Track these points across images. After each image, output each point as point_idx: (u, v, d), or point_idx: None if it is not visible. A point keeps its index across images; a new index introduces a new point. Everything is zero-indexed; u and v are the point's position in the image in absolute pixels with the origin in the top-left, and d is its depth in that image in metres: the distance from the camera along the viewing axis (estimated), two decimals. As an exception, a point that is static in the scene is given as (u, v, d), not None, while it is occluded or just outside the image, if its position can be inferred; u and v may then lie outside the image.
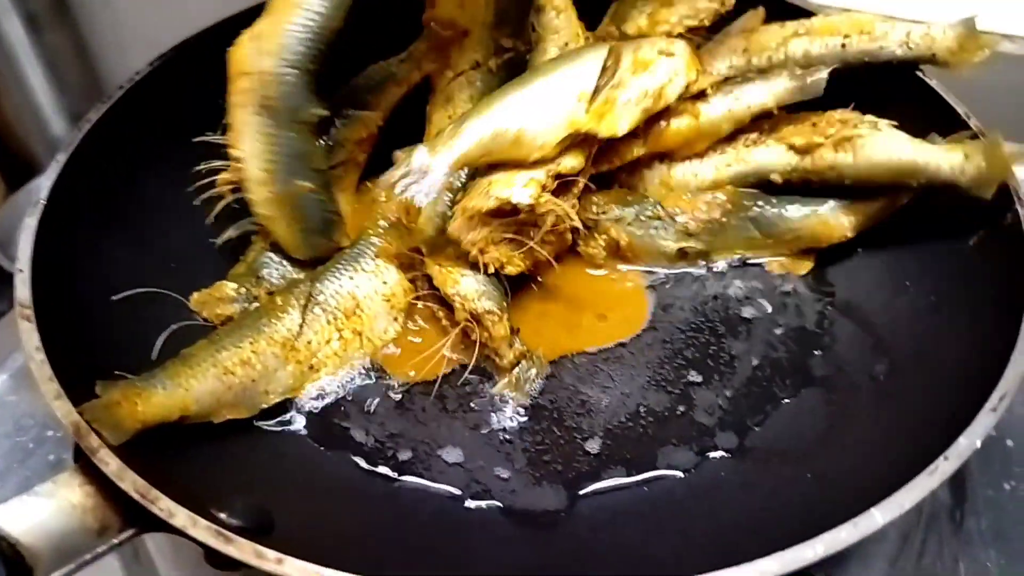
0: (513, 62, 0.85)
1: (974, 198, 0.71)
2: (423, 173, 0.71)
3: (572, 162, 0.74)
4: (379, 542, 0.61)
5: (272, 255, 0.77)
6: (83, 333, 0.66)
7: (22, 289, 0.63)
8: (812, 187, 0.79)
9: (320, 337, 0.71)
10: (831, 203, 0.78)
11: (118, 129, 0.77)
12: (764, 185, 0.80)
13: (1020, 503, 0.73)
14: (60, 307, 0.65)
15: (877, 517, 0.50)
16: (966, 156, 0.71)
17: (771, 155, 0.80)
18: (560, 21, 0.83)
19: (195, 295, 0.74)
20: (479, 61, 0.85)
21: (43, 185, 0.71)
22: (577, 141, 0.74)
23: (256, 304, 0.73)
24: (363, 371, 0.73)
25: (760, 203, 0.80)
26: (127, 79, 0.81)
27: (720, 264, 0.81)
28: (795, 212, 0.79)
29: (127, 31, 1.38)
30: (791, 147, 0.78)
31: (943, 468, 0.53)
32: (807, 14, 0.84)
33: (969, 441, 0.54)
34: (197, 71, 0.84)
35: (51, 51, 1.37)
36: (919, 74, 0.80)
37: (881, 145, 0.75)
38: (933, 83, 0.80)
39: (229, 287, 0.74)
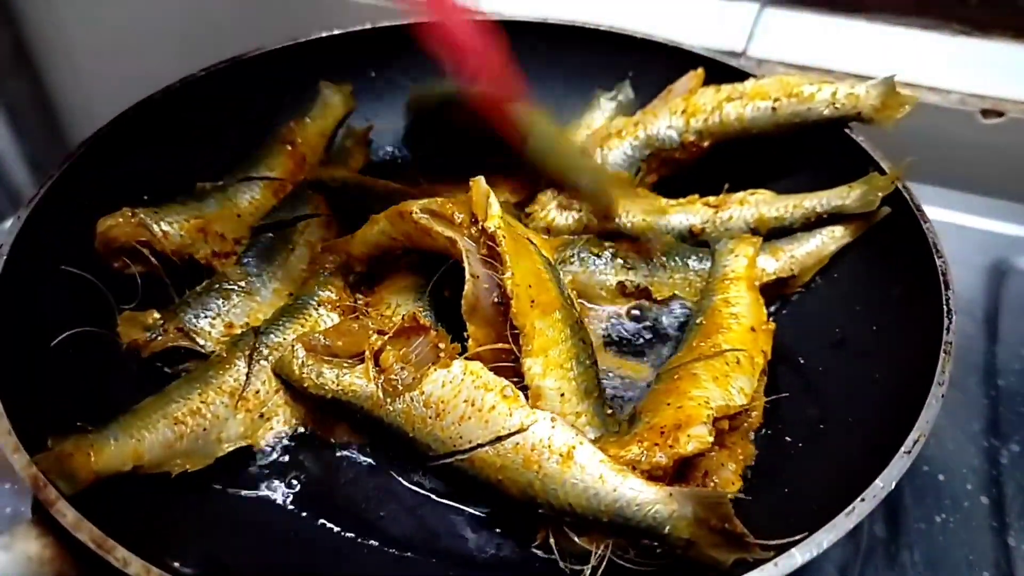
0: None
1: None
2: None
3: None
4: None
5: (195, 303, 0.77)
6: (41, 386, 0.67)
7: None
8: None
9: (268, 387, 0.72)
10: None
11: (80, 183, 0.79)
12: (686, 237, 0.88)
13: (950, 535, 0.76)
14: (18, 359, 0.66)
15: (796, 557, 0.53)
16: (850, 187, 0.81)
17: (691, 210, 0.88)
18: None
19: (127, 312, 0.76)
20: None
21: (4, 240, 0.71)
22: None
23: (162, 337, 0.74)
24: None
25: (694, 248, 0.86)
26: (89, 135, 0.82)
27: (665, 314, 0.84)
28: (723, 252, 0.84)
29: (88, 81, 1.40)
30: (706, 204, 0.87)
31: (860, 509, 0.56)
32: (743, 76, 0.89)
33: (885, 483, 0.57)
34: (158, 128, 0.87)
35: (11, 99, 1.38)
36: (847, 131, 0.85)
37: (772, 197, 0.85)
38: (860, 139, 0.84)
39: (153, 316, 0.76)
